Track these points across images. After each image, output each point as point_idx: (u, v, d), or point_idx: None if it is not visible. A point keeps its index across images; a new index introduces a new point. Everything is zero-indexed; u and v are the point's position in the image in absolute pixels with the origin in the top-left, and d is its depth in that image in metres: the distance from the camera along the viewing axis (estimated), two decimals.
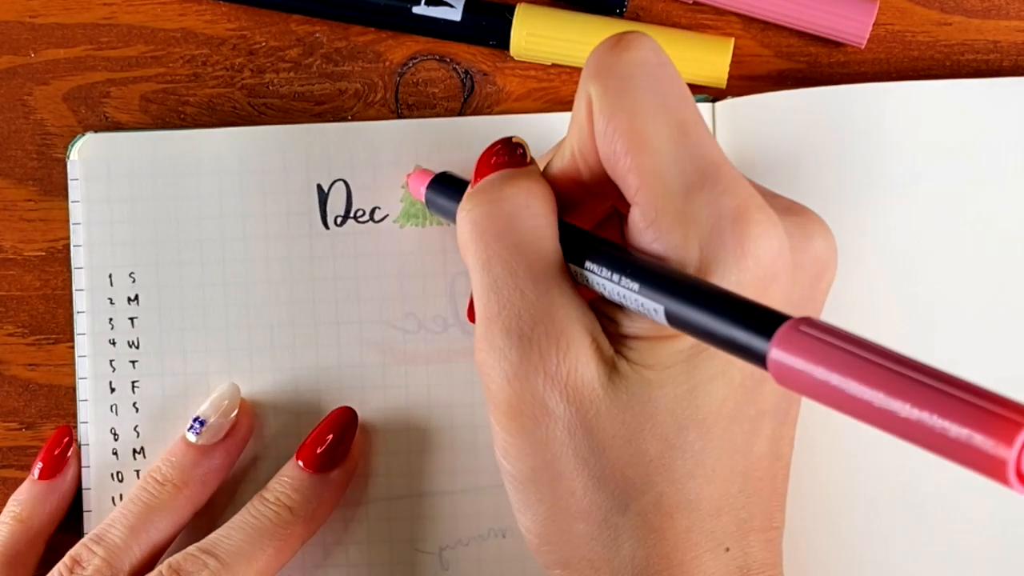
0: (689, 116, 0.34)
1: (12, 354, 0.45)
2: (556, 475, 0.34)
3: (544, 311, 0.33)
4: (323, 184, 0.44)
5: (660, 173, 0.33)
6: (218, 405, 0.42)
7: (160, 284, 0.44)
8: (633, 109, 0.33)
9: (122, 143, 0.44)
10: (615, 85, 0.33)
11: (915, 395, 0.23)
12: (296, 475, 0.41)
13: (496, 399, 0.34)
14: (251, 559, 0.40)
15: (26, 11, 0.46)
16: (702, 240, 0.32)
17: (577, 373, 0.33)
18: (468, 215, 0.35)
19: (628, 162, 0.33)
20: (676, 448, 0.33)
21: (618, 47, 0.34)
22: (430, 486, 0.43)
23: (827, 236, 0.36)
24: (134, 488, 0.42)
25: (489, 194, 0.35)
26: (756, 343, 0.27)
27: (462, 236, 0.35)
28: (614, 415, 0.33)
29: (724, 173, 0.33)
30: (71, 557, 0.40)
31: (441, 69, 0.46)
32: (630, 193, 0.33)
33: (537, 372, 0.33)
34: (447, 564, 0.43)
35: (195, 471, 0.42)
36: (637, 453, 0.33)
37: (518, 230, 0.34)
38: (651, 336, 0.33)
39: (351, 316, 0.44)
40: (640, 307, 0.32)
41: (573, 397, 0.33)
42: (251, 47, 0.46)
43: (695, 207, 0.32)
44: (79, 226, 0.44)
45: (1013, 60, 0.45)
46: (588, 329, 0.34)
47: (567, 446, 0.34)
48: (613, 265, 0.33)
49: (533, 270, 0.34)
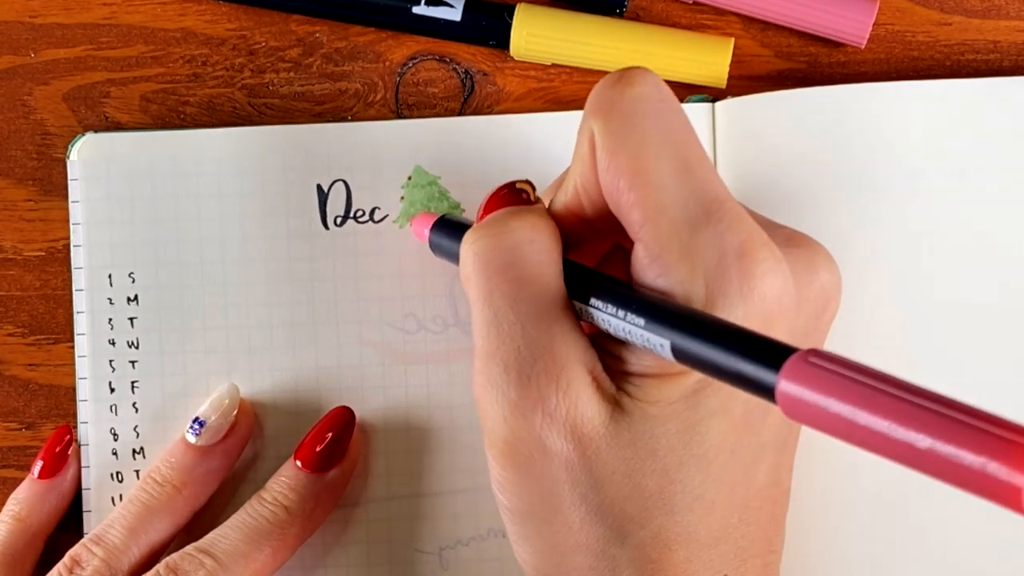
0: (692, 152, 0.33)
1: (12, 354, 0.45)
2: (553, 510, 0.34)
3: (545, 347, 0.33)
4: (323, 184, 0.44)
5: (664, 209, 0.32)
6: (218, 406, 0.42)
7: (160, 284, 0.44)
8: (636, 145, 0.33)
9: (122, 143, 0.44)
10: (617, 121, 0.33)
11: (927, 424, 0.23)
12: (294, 475, 0.41)
13: (492, 435, 0.34)
14: (248, 559, 0.40)
15: (26, 11, 0.46)
16: (707, 276, 0.32)
17: (577, 411, 0.33)
18: (472, 247, 0.35)
19: (631, 198, 0.33)
20: (676, 483, 0.33)
21: (620, 83, 0.34)
22: (430, 486, 0.43)
23: (831, 267, 0.36)
24: (133, 489, 0.42)
25: (494, 227, 0.35)
26: (764, 376, 0.27)
27: (465, 268, 0.35)
28: (614, 451, 0.33)
29: (728, 209, 0.33)
30: (70, 557, 0.40)
31: (441, 69, 0.46)
32: (634, 229, 0.33)
33: (536, 410, 0.33)
34: (447, 564, 0.43)
35: (194, 472, 0.42)
36: (636, 488, 0.33)
37: (522, 264, 0.34)
38: (655, 373, 0.33)
39: (351, 316, 0.44)
40: (646, 342, 0.32)
41: (572, 435, 0.33)
42: (251, 47, 0.46)
43: (700, 243, 0.32)
44: (79, 226, 0.44)
45: (1013, 60, 0.45)
46: (589, 366, 0.33)
47: (565, 482, 0.33)
48: (618, 301, 0.33)
49: (535, 305, 0.33)
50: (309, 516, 0.41)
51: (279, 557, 0.41)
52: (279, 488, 0.41)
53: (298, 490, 0.41)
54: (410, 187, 0.44)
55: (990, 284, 0.43)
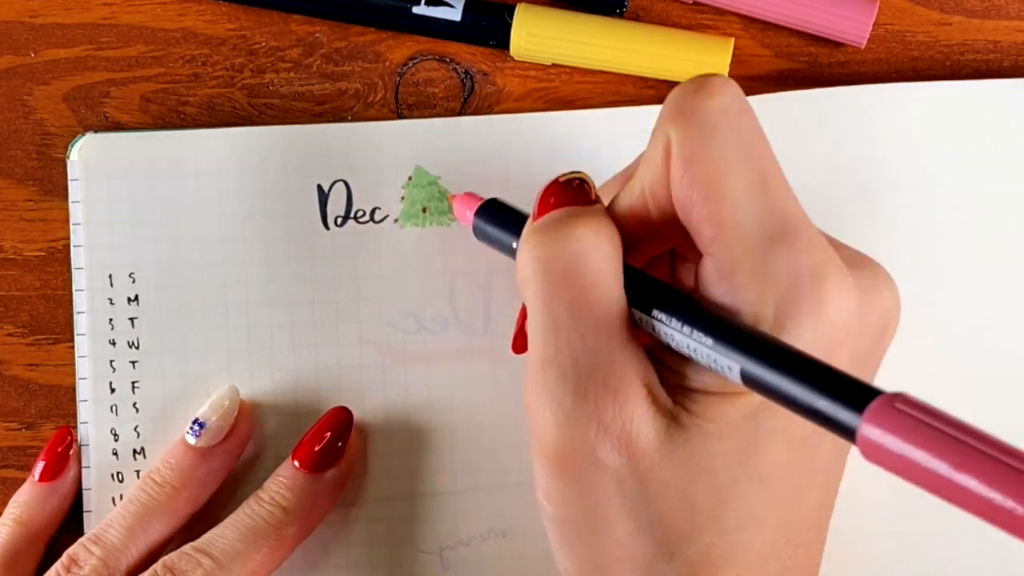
0: (770, 169, 0.33)
1: (12, 354, 0.45)
2: (601, 521, 0.33)
3: (604, 359, 0.32)
4: (323, 184, 0.44)
5: (738, 226, 0.32)
6: (218, 407, 0.42)
7: (160, 284, 0.44)
8: (714, 158, 0.32)
9: (122, 143, 0.44)
10: (697, 131, 0.32)
11: (1015, 486, 0.23)
12: (291, 475, 0.41)
13: (543, 442, 0.33)
14: (245, 558, 0.40)
15: (26, 11, 0.46)
16: (778, 297, 0.31)
17: (632, 425, 0.32)
18: (533, 251, 0.34)
19: (705, 212, 0.32)
20: (729, 501, 0.32)
21: (702, 91, 0.33)
22: (431, 486, 0.43)
23: (893, 290, 0.35)
24: (132, 489, 0.42)
25: (556, 231, 0.33)
26: (846, 416, 0.26)
27: (523, 272, 0.34)
28: (668, 467, 0.32)
29: (803, 230, 0.32)
30: (68, 556, 0.41)
31: (441, 69, 0.46)
32: (704, 243, 0.32)
33: (591, 422, 0.32)
34: (448, 564, 0.43)
35: (194, 473, 0.42)
36: (689, 504, 0.32)
37: (584, 272, 0.33)
38: (717, 392, 0.32)
39: (351, 316, 0.44)
40: (712, 363, 0.31)
41: (626, 449, 0.32)
42: (251, 47, 0.46)
43: (773, 263, 0.31)
44: (79, 226, 0.44)
45: (1013, 60, 0.45)
46: (646, 380, 0.33)
47: (615, 495, 0.33)
48: (685, 317, 0.32)
49: (596, 315, 0.33)
50: (307, 516, 0.41)
51: (277, 557, 0.41)
52: (277, 488, 0.41)
53: (295, 490, 0.41)
54: (411, 187, 0.44)
55: (991, 285, 0.43)
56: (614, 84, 0.45)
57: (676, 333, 0.32)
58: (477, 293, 0.44)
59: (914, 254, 0.43)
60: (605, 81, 0.45)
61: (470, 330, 0.44)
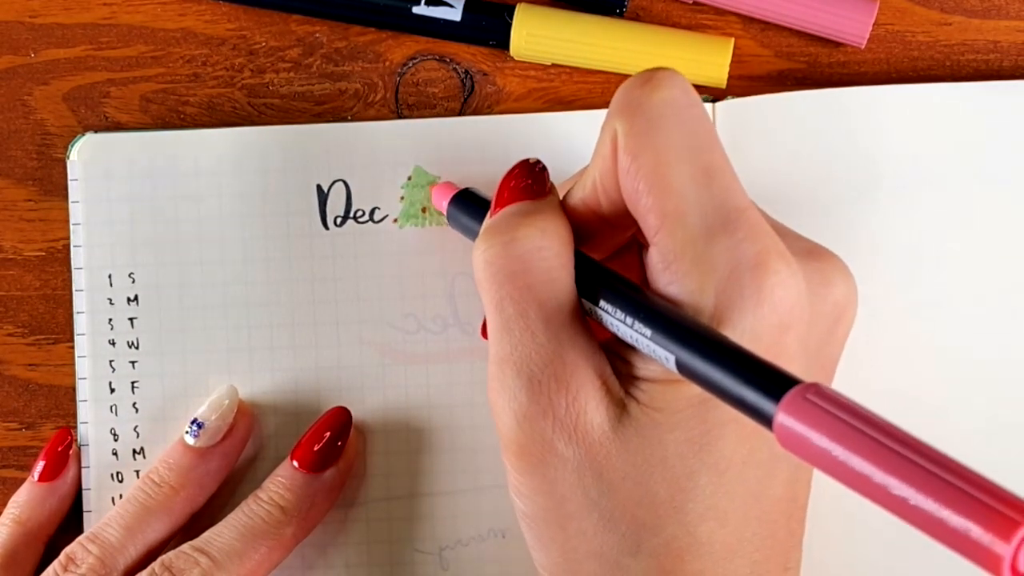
0: (715, 160, 0.33)
1: (12, 354, 0.45)
2: (567, 515, 0.34)
3: (554, 354, 0.33)
4: (323, 184, 0.44)
5: (681, 216, 0.32)
6: (216, 407, 0.42)
7: (160, 284, 0.44)
8: (659, 149, 0.33)
9: (122, 143, 0.44)
10: (642, 123, 0.33)
11: (918, 480, 0.23)
12: (290, 475, 0.41)
13: (506, 439, 0.34)
14: (243, 558, 0.40)
15: (26, 11, 0.46)
16: (719, 286, 0.32)
17: (586, 417, 0.33)
18: (483, 255, 0.34)
19: (650, 202, 0.33)
20: (687, 491, 0.33)
21: (648, 84, 0.34)
22: (430, 486, 0.43)
23: (847, 281, 0.36)
24: (131, 488, 0.42)
25: (504, 234, 0.34)
26: (764, 405, 0.27)
27: (477, 274, 0.35)
28: (624, 457, 0.33)
29: (747, 219, 0.32)
30: (66, 555, 0.41)
31: (441, 69, 0.46)
32: (650, 233, 0.33)
33: (546, 415, 0.33)
34: (447, 564, 0.43)
35: (192, 473, 0.42)
36: (647, 495, 0.33)
37: (531, 271, 0.34)
38: (663, 380, 0.33)
39: (351, 316, 0.44)
40: (652, 352, 0.32)
41: (582, 440, 0.33)
42: (251, 47, 0.46)
43: (714, 253, 0.32)
44: (79, 226, 0.44)
45: (1013, 60, 0.45)
46: (598, 371, 0.33)
47: (576, 487, 0.33)
48: (627, 308, 0.32)
49: (545, 311, 0.34)
50: (305, 516, 0.41)
51: (275, 557, 0.41)
52: (275, 488, 0.41)
53: (294, 490, 0.41)
54: (410, 187, 0.44)
55: (990, 286, 0.43)
56: (614, 84, 0.45)
57: (620, 324, 0.33)
58: (477, 293, 0.44)
59: (914, 255, 0.43)
60: (605, 81, 0.45)
61: (470, 330, 0.44)
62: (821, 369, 0.36)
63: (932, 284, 0.43)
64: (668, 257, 0.32)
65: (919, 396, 0.42)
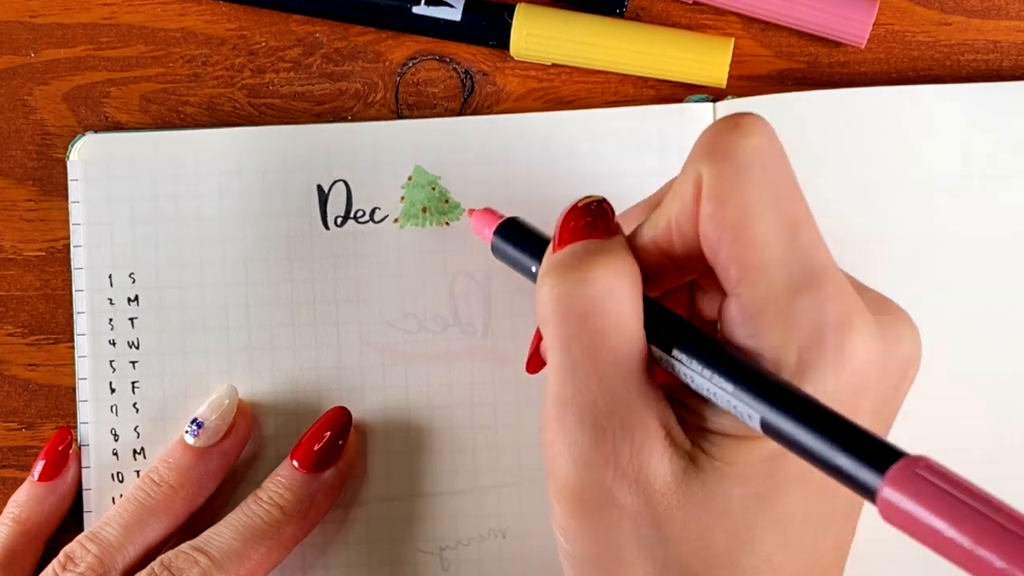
0: (801, 214, 0.32)
1: (12, 354, 0.45)
2: (617, 561, 0.33)
3: (621, 401, 0.32)
4: (323, 184, 0.44)
5: (765, 269, 0.31)
6: (216, 407, 0.42)
7: (160, 285, 0.44)
8: (746, 199, 0.32)
9: (122, 143, 0.44)
10: (730, 171, 0.32)
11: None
12: (290, 475, 0.41)
13: (561, 482, 0.33)
14: (243, 558, 0.40)
15: (26, 11, 0.46)
16: (801, 344, 0.31)
17: (650, 468, 0.32)
18: (551, 291, 0.33)
19: (733, 252, 0.32)
20: (746, 544, 0.32)
21: (738, 130, 0.33)
22: (430, 486, 0.43)
23: (915, 336, 0.35)
24: (131, 488, 0.42)
25: (575, 271, 0.33)
26: (867, 477, 0.26)
27: (542, 310, 0.33)
28: (686, 509, 0.32)
29: (830, 277, 0.32)
30: (65, 554, 0.41)
31: (441, 69, 0.46)
32: (730, 284, 0.32)
33: (608, 464, 0.32)
34: (447, 564, 0.43)
35: (192, 473, 0.42)
36: (705, 546, 0.32)
37: (603, 314, 0.32)
38: (736, 435, 0.32)
39: (351, 316, 0.44)
40: (732, 408, 0.31)
41: (643, 491, 0.32)
42: (251, 47, 0.46)
43: (798, 309, 0.31)
44: (79, 227, 0.44)
45: (1013, 60, 0.45)
46: (663, 422, 0.33)
47: (632, 536, 0.33)
48: (706, 360, 0.31)
49: (614, 356, 0.32)
50: (304, 516, 0.41)
51: (274, 557, 0.41)
52: (275, 488, 0.41)
53: (294, 490, 0.41)
54: (410, 187, 0.44)
55: (992, 286, 0.43)
56: (614, 84, 0.45)
57: (696, 375, 0.32)
58: (477, 293, 0.44)
59: (914, 255, 0.43)
60: (605, 81, 0.45)
61: (470, 330, 0.44)
62: (883, 423, 0.35)
63: (932, 284, 0.43)
64: (749, 310, 0.32)
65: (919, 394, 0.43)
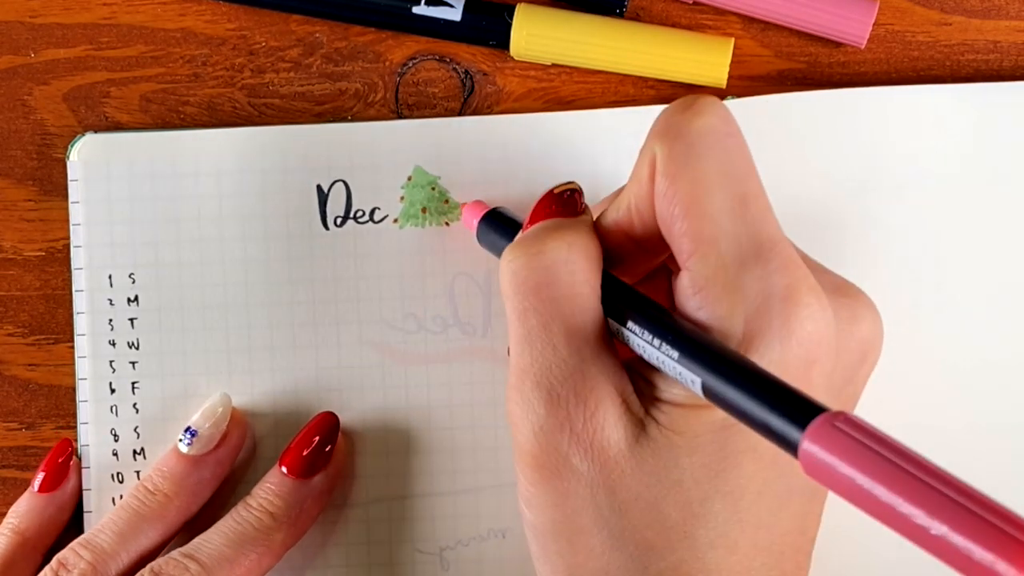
0: (751, 189, 0.33)
1: (12, 354, 0.45)
2: (576, 530, 0.34)
3: (575, 368, 0.33)
4: (323, 185, 0.44)
5: (714, 242, 0.32)
6: (210, 415, 0.42)
7: (160, 285, 0.44)
8: (696, 175, 0.33)
9: (122, 143, 0.44)
10: (682, 149, 0.33)
11: (943, 511, 0.23)
12: (279, 481, 0.42)
13: (522, 450, 0.34)
14: (233, 564, 0.40)
15: (26, 11, 0.46)
16: (748, 315, 0.32)
17: (603, 433, 0.33)
18: (509, 265, 0.35)
19: (684, 227, 0.33)
20: (699, 517, 0.33)
21: (690, 111, 0.34)
22: (430, 487, 0.43)
23: (875, 319, 0.36)
24: (125, 496, 0.42)
25: (532, 246, 0.34)
26: (789, 432, 0.27)
27: (503, 285, 0.35)
28: (638, 477, 0.33)
29: (780, 251, 0.32)
30: (58, 561, 0.40)
31: (441, 69, 0.46)
32: (682, 258, 0.33)
33: (563, 429, 0.33)
34: (447, 564, 0.43)
35: (187, 481, 0.42)
36: (659, 517, 0.33)
37: (556, 284, 0.34)
38: (685, 404, 0.33)
39: (351, 316, 0.44)
40: (678, 375, 0.32)
41: (597, 457, 0.33)
42: (251, 47, 0.46)
43: (746, 281, 0.32)
44: (79, 227, 0.44)
45: (1013, 60, 0.45)
46: (619, 389, 0.33)
47: (588, 503, 0.33)
48: (654, 330, 0.32)
49: (568, 326, 0.34)
50: (294, 522, 0.41)
51: (264, 563, 0.41)
52: (264, 494, 0.41)
53: (284, 496, 0.41)
54: (410, 187, 0.44)
55: (991, 285, 0.43)
56: (614, 84, 0.45)
57: (647, 345, 0.33)
58: (477, 293, 0.44)
59: (914, 255, 0.43)
60: (605, 81, 0.45)
61: (470, 330, 0.44)
62: (842, 403, 0.36)
63: (932, 284, 0.43)
64: (699, 282, 0.32)
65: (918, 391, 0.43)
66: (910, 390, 0.42)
